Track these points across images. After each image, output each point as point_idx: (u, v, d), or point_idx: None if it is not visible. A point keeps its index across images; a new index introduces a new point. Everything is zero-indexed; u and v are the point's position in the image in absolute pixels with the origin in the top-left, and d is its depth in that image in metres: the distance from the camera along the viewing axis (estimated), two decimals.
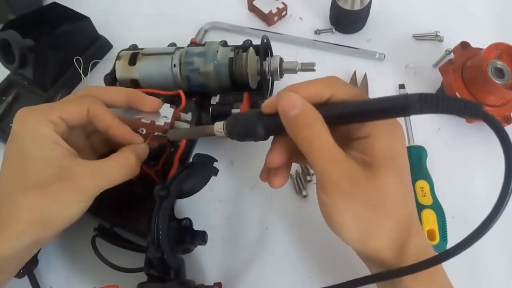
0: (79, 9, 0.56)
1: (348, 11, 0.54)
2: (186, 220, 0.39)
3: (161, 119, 0.39)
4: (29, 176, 0.32)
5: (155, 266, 0.35)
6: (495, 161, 0.47)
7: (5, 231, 0.31)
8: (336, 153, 0.29)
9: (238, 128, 0.31)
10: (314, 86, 0.30)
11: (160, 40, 0.53)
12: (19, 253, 0.32)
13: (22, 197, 0.32)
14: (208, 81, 0.47)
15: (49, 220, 0.33)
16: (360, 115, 0.29)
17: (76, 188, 0.33)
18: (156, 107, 0.39)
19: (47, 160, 0.33)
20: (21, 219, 0.32)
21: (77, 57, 0.54)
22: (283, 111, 0.29)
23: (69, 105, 0.36)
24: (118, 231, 0.41)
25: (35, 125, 0.33)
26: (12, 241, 0.31)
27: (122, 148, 0.37)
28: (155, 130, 0.38)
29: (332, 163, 0.28)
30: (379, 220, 0.29)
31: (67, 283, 0.43)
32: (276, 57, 0.47)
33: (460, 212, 0.44)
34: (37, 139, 0.33)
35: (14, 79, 0.54)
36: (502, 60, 0.46)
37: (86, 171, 0.34)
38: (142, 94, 0.39)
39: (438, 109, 0.25)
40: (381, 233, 0.29)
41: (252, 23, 0.60)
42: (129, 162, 0.36)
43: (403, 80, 0.53)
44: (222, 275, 0.42)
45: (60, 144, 0.34)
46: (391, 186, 0.29)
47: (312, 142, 0.28)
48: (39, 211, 0.32)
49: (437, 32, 0.56)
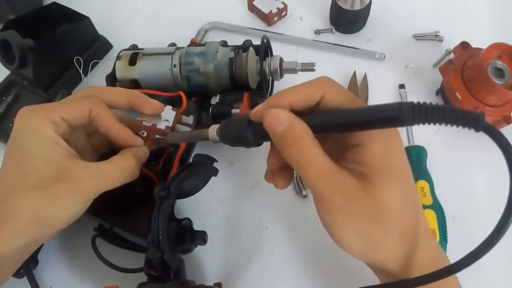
0: (79, 9, 0.56)
1: (348, 11, 0.54)
2: (186, 220, 0.39)
3: (162, 123, 0.38)
4: (29, 176, 0.33)
5: (155, 266, 0.35)
6: (495, 161, 0.47)
7: (3, 230, 0.31)
8: (327, 168, 0.27)
9: (229, 133, 0.30)
10: (304, 90, 0.29)
11: (160, 40, 0.53)
12: (17, 252, 0.33)
13: (21, 197, 0.32)
14: (208, 81, 0.47)
15: (47, 220, 0.33)
16: (347, 125, 0.27)
17: (75, 189, 0.33)
18: (157, 110, 0.38)
19: (47, 160, 0.33)
20: (19, 218, 0.32)
21: (77, 57, 0.54)
22: (269, 127, 0.28)
23: (71, 105, 0.36)
24: (118, 231, 0.41)
25: (36, 125, 0.33)
26: (10, 240, 0.32)
27: (122, 151, 0.37)
28: (156, 133, 0.38)
29: (324, 179, 0.27)
30: (381, 234, 0.28)
31: (67, 283, 0.43)
32: (276, 57, 0.47)
33: (460, 212, 0.44)
34: (38, 139, 0.33)
35: (14, 79, 0.54)
36: (502, 60, 0.46)
37: (85, 173, 0.34)
38: (144, 96, 0.38)
39: (434, 120, 0.22)
40: (385, 246, 0.28)
41: (252, 23, 0.60)
42: (129, 165, 0.36)
43: (403, 80, 0.53)
44: (222, 275, 0.42)
45: (60, 145, 0.34)
46: (390, 198, 0.27)
47: (301, 160, 0.27)
48: (37, 211, 0.32)
49: (437, 32, 0.56)
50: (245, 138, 0.29)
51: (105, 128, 0.36)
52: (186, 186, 0.38)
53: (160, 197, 0.35)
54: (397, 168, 0.28)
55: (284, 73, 0.47)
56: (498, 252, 0.42)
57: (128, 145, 0.37)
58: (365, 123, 0.26)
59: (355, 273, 0.32)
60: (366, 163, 0.28)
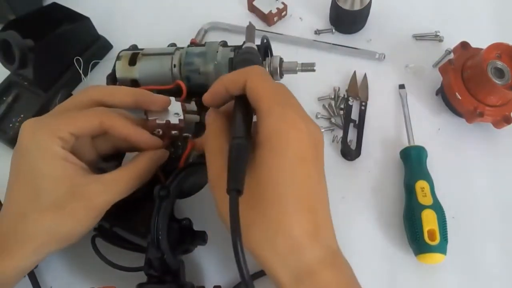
0: (79, 9, 0.56)
1: (348, 11, 0.54)
2: (186, 220, 0.39)
3: (173, 117, 0.38)
4: (43, 196, 0.33)
5: (155, 267, 0.35)
6: (495, 161, 0.47)
7: (23, 248, 0.33)
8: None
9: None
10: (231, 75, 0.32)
11: (160, 40, 0.53)
12: (34, 264, 0.35)
13: (38, 217, 0.33)
14: (208, 82, 0.47)
15: (65, 237, 0.34)
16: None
17: (90, 206, 0.34)
18: (165, 105, 0.38)
19: (59, 178, 0.33)
20: (38, 238, 0.33)
21: (77, 57, 0.54)
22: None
23: (79, 119, 0.34)
24: (118, 231, 0.41)
25: (44, 143, 0.33)
26: (31, 257, 0.34)
27: (136, 157, 0.37)
28: (172, 129, 0.38)
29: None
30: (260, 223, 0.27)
31: (67, 283, 0.43)
32: (276, 57, 0.47)
33: (460, 212, 0.44)
34: (48, 157, 0.33)
35: (14, 79, 0.54)
36: (502, 60, 0.46)
37: (99, 188, 0.34)
38: (149, 93, 0.38)
39: None
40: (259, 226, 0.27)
41: (252, 23, 0.60)
42: (143, 172, 0.36)
43: (403, 80, 0.53)
44: (222, 277, 0.42)
45: (70, 161, 0.34)
46: (272, 173, 0.27)
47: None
48: (55, 229, 0.33)
49: (437, 32, 0.56)
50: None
51: (123, 137, 0.36)
52: (187, 186, 0.38)
53: (160, 197, 0.35)
54: (282, 136, 0.28)
55: (284, 73, 0.47)
56: (498, 251, 0.42)
57: (150, 149, 0.37)
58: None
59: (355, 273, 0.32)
60: (256, 136, 0.29)
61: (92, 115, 0.35)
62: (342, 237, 0.31)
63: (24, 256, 0.33)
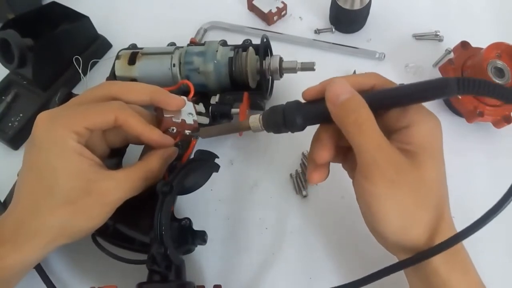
0: (79, 8, 0.56)
1: (348, 10, 0.54)
2: (186, 220, 0.39)
3: (188, 116, 0.38)
4: (56, 191, 0.32)
5: (158, 262, 0.35)
6: (495, 161, 0.47)
7: (34, 241, 0.33)
8: (383, 140, 0.29)
9: (276, 120, 0.32)
10: (356, 78, 0.32)
11: (159, 40, 0.53)
12: (43, 257, 0.35)
13: (51, 214, 0.32)
14: (207, 81, 0.47)
15: (76, 232, 0.34)
16: (401, 98, 0.30)
17: (103, 202, 0.33)
18: (181, 105, 0.38)
19: (74, 174, 0.32)
20: (50, 233, 0.33)
21: (77, 56, 0.54)
22: (332, 96, 0.30)
23: (95, 114, 0.34)
24: (120, 227, 0.41)
25: (60, 138, 0.32)
26: (40, 251, 0.34)
27: (150, 156, 0.37)
28: (186, 128, 0.37)
29: (380, 149, 0.29)
30: (420, 212, 0.29)
31: (67, 283, 0.43)
32: (276, 57, 0.46)
33: (460, 212, 0.44)
34: (63, 152, 0.32)
35: (13, 78, 0.54)
36: (502, 59, 0.46)
37: (112, 185, 0.34)
38: (166, 93, 0.38)
39: (474, 91, 0.27)
40: (421, 224, 0.30)
41: (251, 22, 0.60)
42: (155, 171, 0.36)
43: (403, 80, 0.53)
44: (222, 276, 0.42)
45: (85, 155, 0.33)
46: (433, 176, 0.30)
47: (361, 126, 0.29)
48: (67, 225, 0.33)
49: (437, 32, 0.56)
50: (293, 122, 0.31)
51: (135, 134, 0.35)
52: (188, 182, 0.38)
53: (162, 193, 0.35)
54: (438, 149, 0.31)
55: (284, 72, 0.47)
56: (498, 251, 0.42)
57: (161, 147, 0.37)
58: (418, 95, 0.29)
59: (355, 272, 0.32)
60: (414, 141, 0.30)
61: (108, 110, 0.34)
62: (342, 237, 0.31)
63: (33, 250, 0.33)
